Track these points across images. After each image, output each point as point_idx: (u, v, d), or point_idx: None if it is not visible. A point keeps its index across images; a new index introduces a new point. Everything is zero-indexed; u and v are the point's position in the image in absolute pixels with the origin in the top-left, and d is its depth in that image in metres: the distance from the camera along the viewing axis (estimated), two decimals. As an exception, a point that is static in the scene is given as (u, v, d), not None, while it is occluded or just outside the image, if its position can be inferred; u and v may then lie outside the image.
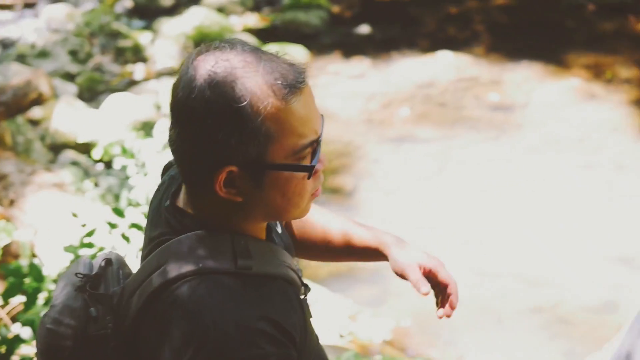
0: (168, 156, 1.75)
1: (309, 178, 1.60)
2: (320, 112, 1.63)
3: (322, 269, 5.19)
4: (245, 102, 1.52)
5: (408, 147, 6.60)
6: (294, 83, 1.55)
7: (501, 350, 4.63)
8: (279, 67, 1.55)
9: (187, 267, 1.58)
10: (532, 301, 4.90)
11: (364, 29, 8.64)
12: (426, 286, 1.85)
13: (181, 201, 1.67)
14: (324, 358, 1.84)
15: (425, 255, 1.91)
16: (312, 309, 1.82)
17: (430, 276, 1.89)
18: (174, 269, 1.58)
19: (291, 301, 1.65)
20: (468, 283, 5.14)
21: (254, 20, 8.98)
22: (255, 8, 9.19)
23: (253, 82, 1.53)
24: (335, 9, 9.03)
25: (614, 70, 7.55)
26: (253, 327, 1.53)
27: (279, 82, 1.54)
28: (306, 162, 1.59)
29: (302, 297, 1.74)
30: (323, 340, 1.96)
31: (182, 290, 1.56)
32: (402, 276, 1.87)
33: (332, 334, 4.49)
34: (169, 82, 7.09)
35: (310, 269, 5.08)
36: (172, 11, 8.95)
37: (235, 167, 1.55)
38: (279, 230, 1.82)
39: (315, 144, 1.60)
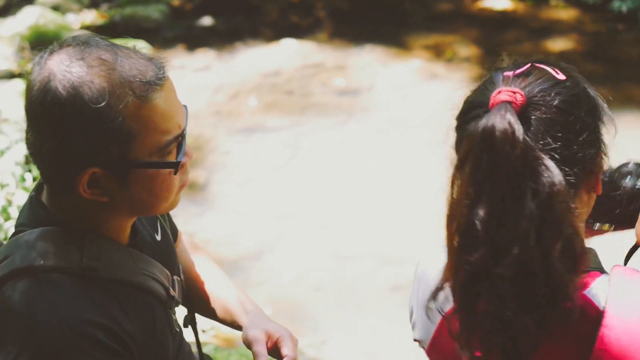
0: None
1: (175, 173, 1.56)
2: (183, 104, 1.59)
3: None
4: (104, 103, 1.46)
5: (258, 137, 6.57)
6: (153, 79, 1.50)
7: (364, 331, 4.69)
8: (136, 64, 1.50)
9: (28, 262, 1.51)
10: (391, 280, 4.98)
11: (207, 20, 8.54)
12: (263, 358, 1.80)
13: (44, 194, 1.61)
14: None
15: (275, 326, 1.86)
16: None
17: (275, 347, 1.84)
18: (15, 263, 1.52)
19: (138, 310, 1.59)
20: (328, 267, 5.18)
21: (92, 17, 8.71)
22: (93, 5, 8.92)
23: (110, 80, 1.47)
24: (176, 2, 8.89)
25: (454, 49, 7.75)
26: (82, 331, 1.48)
27: (138, 79, 1.49)
28: (172, 158, 1.56)
29: (169, 309, 1.70)
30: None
31: (17, 287, 1.50)
32: (248, 346, 1.83)
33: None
34: (5, 86, 6.79)
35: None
36: (3, 12, 8.58)
37: (98, 168, 1.50)
38: (158, 238, 1.77)
39: (180, 138, 1.56)
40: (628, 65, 7.30)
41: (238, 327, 1.92)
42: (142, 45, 7.59)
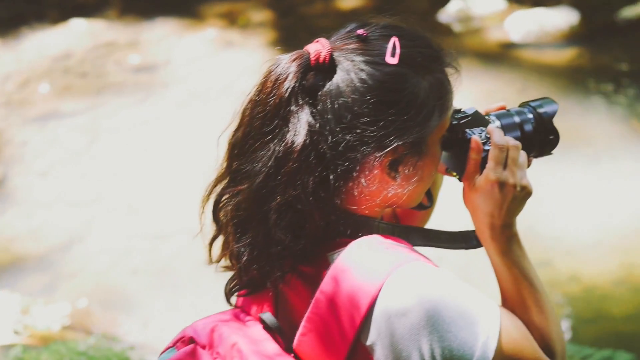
0: None
1: None
2: None
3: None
4: None
5: (55, 124, 6.33)
6: None
7: (184, 308, 4.64)
8: None
9: None
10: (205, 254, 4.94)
11: (-14, 7, 8.11)
12: None
13: None
14: None
15: None
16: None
17: None
18: None
19: None
20: (141, 249, 5.08)
21: None
22: None
23: None
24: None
25: (247, 16, 7.74)
26: None
27: None
28: None
29: None
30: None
31: None
32: None
33: (6, 333, 4.23)
34: None
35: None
36: None
37: None
38: None
39: None
40: (417, 16, 7.52)
41: None
42: None
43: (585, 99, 6.14)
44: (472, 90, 6.13)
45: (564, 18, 7.13)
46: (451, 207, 2.24)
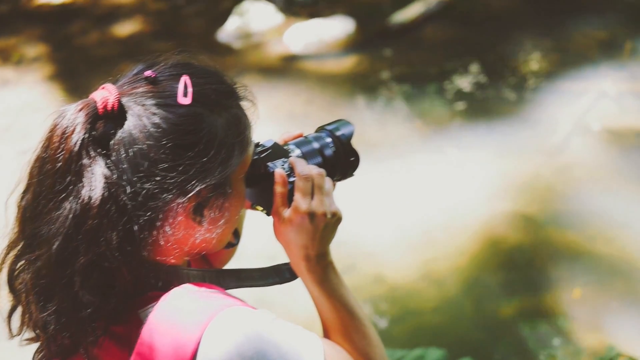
0: None
1: None
2: None
3: None
4: None
5: None
6: None
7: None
8: None
9: None
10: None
11: None
12: None
13: None
14: None
15: None
16: None
17: None
18: None
19: None
20: None
21: None
22: None
23: None
24: None
25: (20, 51, 7.43)
26: None
27: None
28: None
29: None
30: None
31: None
32: None
33: None
34: None
35: None
36: None
37: None
38: None
39: None
40: (196, 38, 7.51)
41: None
42: None
43: (369, 103, 6.33)
44: (259, 106, 6.18)
45: (341, 27, 7.34)
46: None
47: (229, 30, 7.50)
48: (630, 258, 4.60)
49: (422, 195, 5.24)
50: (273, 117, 6.02)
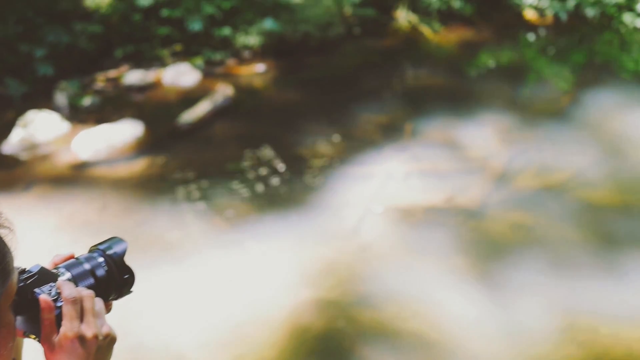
0: None
1: None
2: None
3: None
4: None
5: None
6: None
7: None
8: None
9: None
10: None
11: None
12: None
13: None
14: None
15: None
16: None
17: None
18: None
19: None
20: None
21: None
22: None
23: None
24: None
25: None
26: None
27: None
28: None
29: None
30: None
31: None
32: None
33: None
34: None
35: None
36: None
37: None
38: None
39: None
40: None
41: None
42: None
43: (165, 205, 6.32)
44: (51, 217, 6.01)
45: (129, 131, 7.31)
46: None
47: (13, 142, 7.30)
48: (430, 330, 4.79)
49: (227, 291, 5.24)
50: (67, 227, 5.87)
